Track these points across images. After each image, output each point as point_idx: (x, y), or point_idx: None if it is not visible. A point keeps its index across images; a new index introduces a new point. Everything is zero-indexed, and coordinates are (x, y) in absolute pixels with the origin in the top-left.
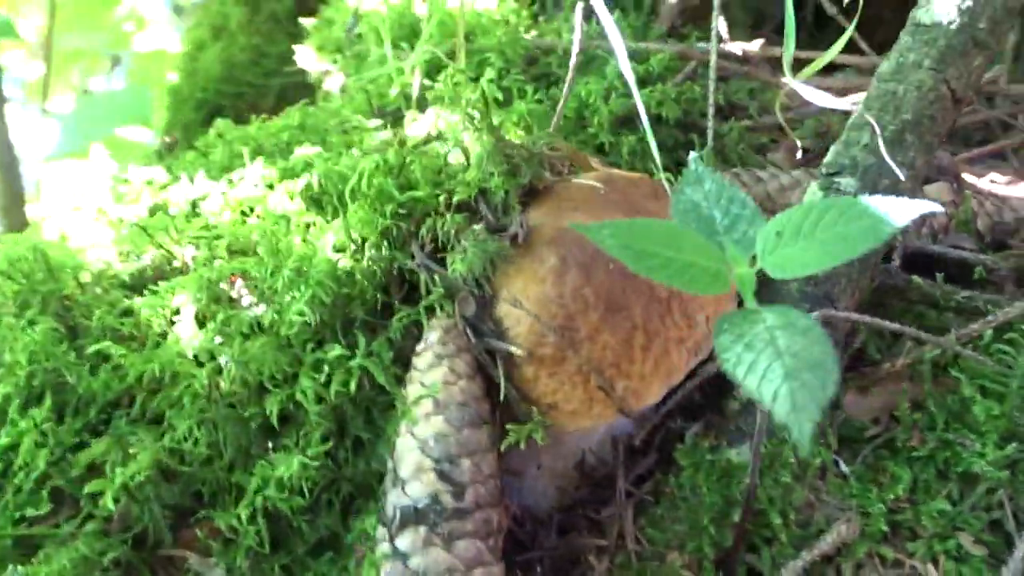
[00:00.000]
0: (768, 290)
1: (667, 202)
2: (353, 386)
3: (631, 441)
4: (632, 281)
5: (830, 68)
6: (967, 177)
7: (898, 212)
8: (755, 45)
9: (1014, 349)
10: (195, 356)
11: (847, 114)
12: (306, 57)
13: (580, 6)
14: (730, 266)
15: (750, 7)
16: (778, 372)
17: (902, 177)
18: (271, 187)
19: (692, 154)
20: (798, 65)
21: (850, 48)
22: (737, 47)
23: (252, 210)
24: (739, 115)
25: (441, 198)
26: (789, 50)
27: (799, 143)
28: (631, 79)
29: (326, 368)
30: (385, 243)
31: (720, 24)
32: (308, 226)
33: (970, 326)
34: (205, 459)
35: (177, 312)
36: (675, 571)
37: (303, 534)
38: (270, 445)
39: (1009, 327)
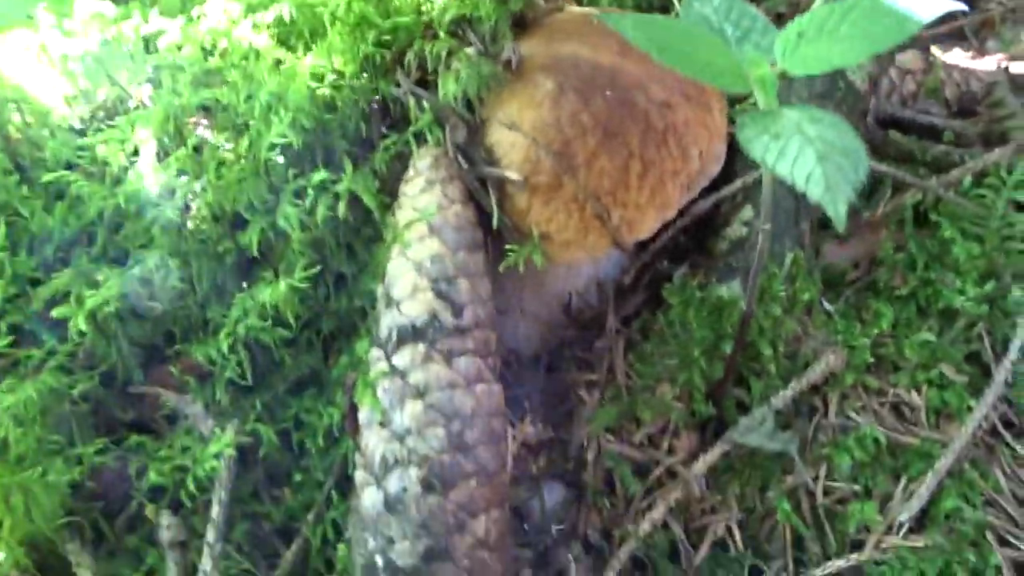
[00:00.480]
0: None
1: None
2: (342, 209)
3: (619, 281)
4: (629, 109)
5: None
6: (934, 50)
7: (922, 8)
8: None
9: (993, 193)
10: (163, 190)
11: None
12: None
13: None
14: (748, 68)
15: None
16: (810, 156)
17: None
18: (234, 23)
19: None
20: None
21: None
22: None
23: (215, 45)
24: None
25: (426, 21)
26: None
27: None
28: None
29: (310, 193)
30: (367, 72)
31: None
32: (279, 62)
33: (952, 172)
34: (177, 294)
35: (136, 152)
36: (666, 402)
37: (284, 370)
38: (244, 284)
39: (986, 175)
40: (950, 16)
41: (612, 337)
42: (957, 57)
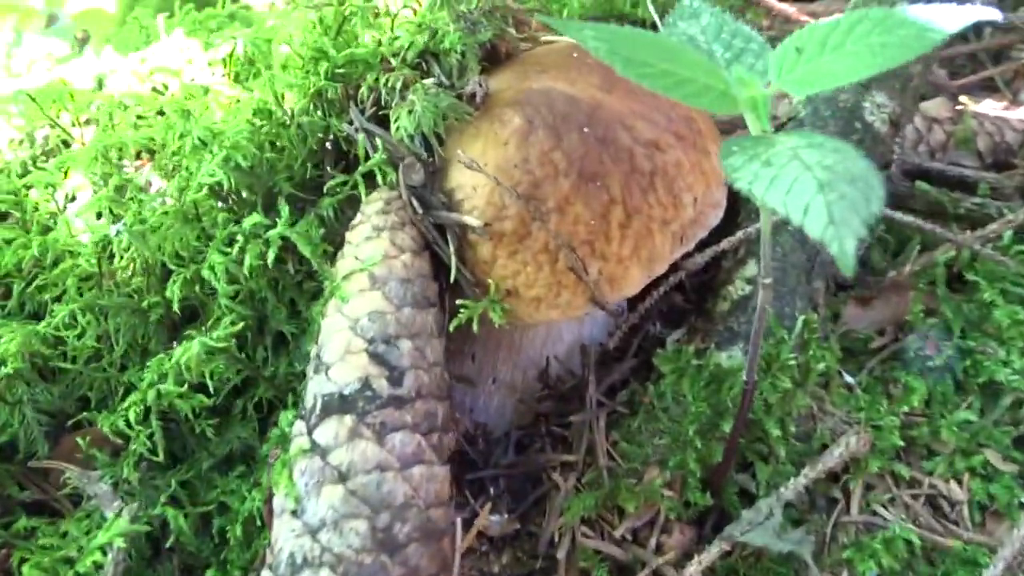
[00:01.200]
0: None
1: None
2: (271, 258)
3: (604, 346)
4: (610, 148)
5: None
6: (964, 100)
7: (947, 18)
8: None
9: None
10: (88, 236)
11: None
12: None
13: None
14: (737, 89)
15: None
16: (809, 184)
17: None
18: (189, 61)
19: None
20: None
21: None
22: None
23: (166, 87)
24: None
25: (386, 53)
26: None
27: None
28: None
29: (240, 240)
30: (319, 107)
31: None
32: (235, 101)
33: (988, 227)
34: (92, 355)
35: (72, 197)
36: (654, 490)
37: (209, 445)
38: (174, 343)
39: None
40: (979, 66)
41: (592, 411)
42: (989, 107)
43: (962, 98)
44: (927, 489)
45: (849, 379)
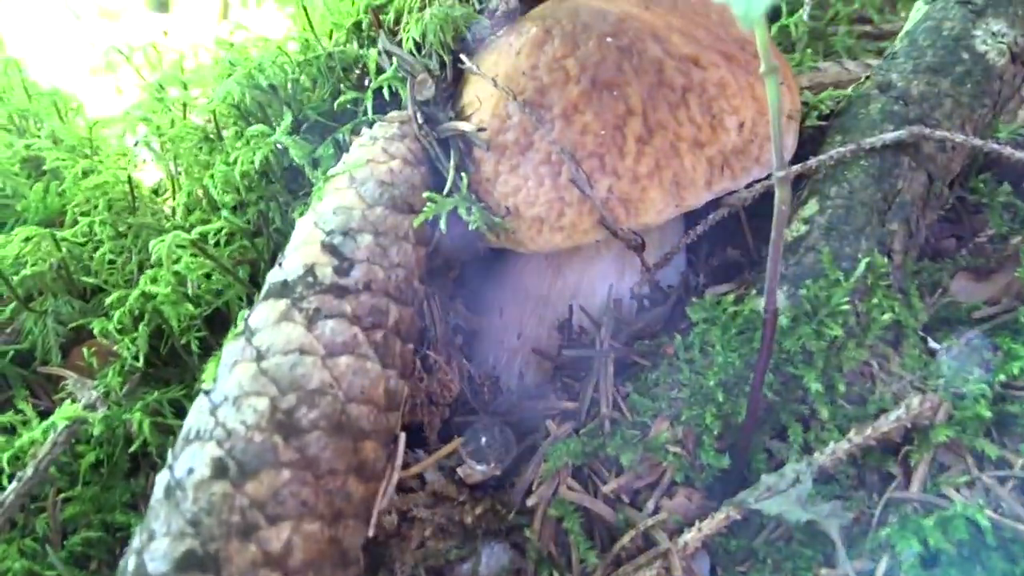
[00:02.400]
0: (846, 114)
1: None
2: (259, 160)
3: (635, 296)
4: (634, 58)
5: None
6: None
7: None
8: None
9: None
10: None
11: None
12: None
13: None
14: None
15: None
16: None
17: None
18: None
19: None
20: None
21: None
22: None
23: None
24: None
25: None
26: None
27: None
28: None
29: (239, 146)
30: (355, 39)
31: None
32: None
33: None
34: (112, 269)
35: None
36: (658, 444)
37: (200, 361)
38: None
39: None
40: None
41: (601, 358)
42: None
43: None
44: (1019, 471)
45: (935, 345)
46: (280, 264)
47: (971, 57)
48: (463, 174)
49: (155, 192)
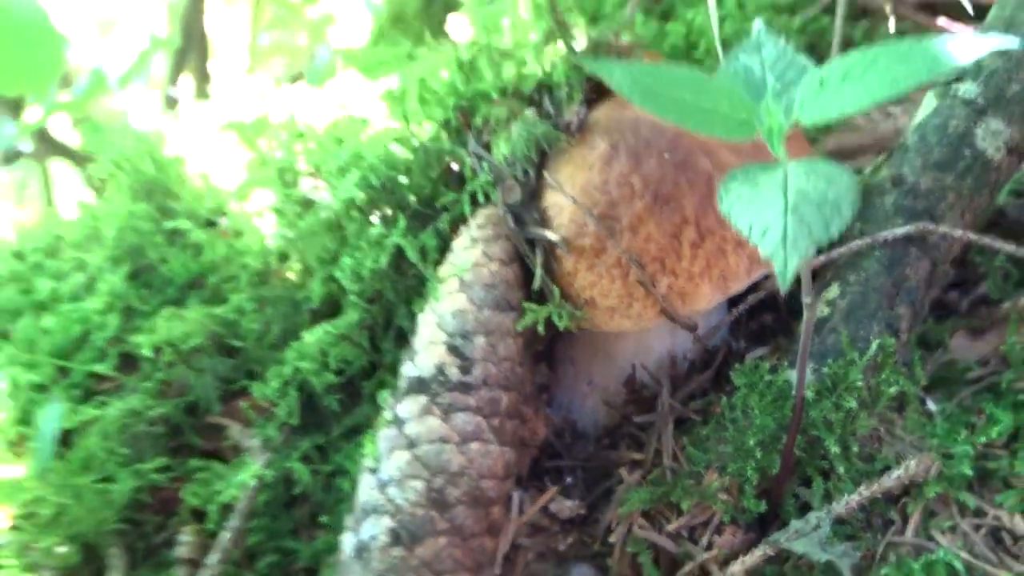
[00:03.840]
0: (865, 203)
1: None
2: (384, 262)
3: (690, 359)
4: (688, 173)
5: None
6: None
7: (963, 49)
8: None
9: None
10: (260, 238)
11: None
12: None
13: None
14: (762, 117)
15: None
16: (776, 206)
17: None
18: (356, 94)
19: (757, 22)
20: None
21: None
22: None
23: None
24: None
25: (506, 86)
26: None
27: None
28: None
29: (364, 246)
30: (446, 135)
31: None
32: (383, 130)
33: None
34: (257, 335)
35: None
36: (710, 492)
37: (337, 416)
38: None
39: None
40: None
41: (664, 414)
42: None
43: None
44: (991, 520)
45: (932, 406)
46: (413, 360)
47: (972, 153)
48: (548, 272)
49: (281, 260)
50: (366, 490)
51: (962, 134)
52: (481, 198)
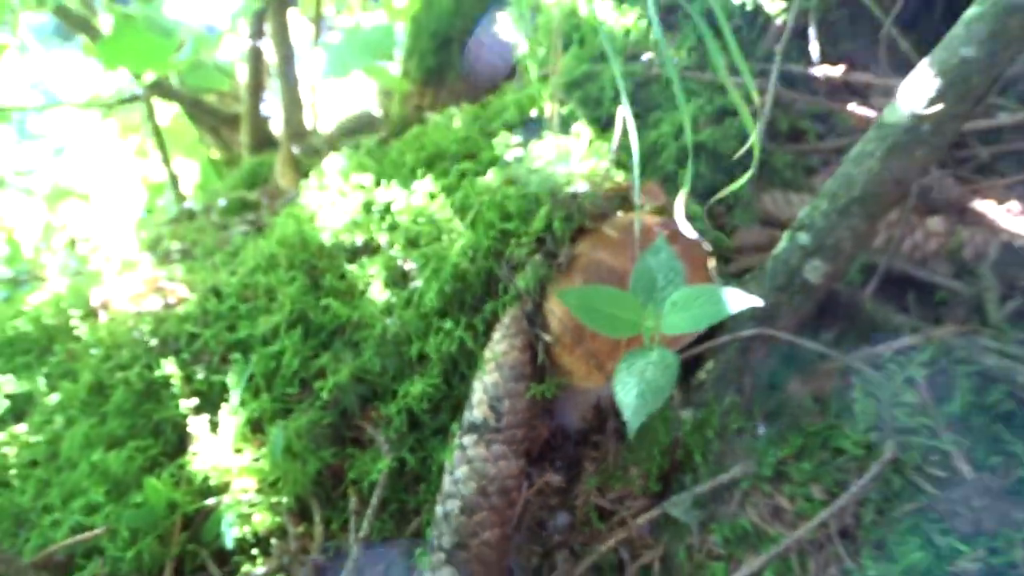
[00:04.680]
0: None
1: (679, 245)
2: (454, 348)
3: None
4: None
5: None
6: (979, 205)
7: (734, 301)
8: (837, 70)
9: (901, 368)
10: (378, 309)
11: None
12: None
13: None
14: (646, 319)
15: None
16: (633, 390)
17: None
18: (433, 197)
19: (661, 235)
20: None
21: None
22: (820, 71)
23: (420, 214)
24: (800, 140)
25: (523, 230)
26: None
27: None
28: (687, 123)
29: (443, 333)
30: (490, 257)
31: (814, 47)
32: (452, 232)
33: (877, 347)
34: (379, 373)
35: (370, 279)
36: (633, 479)
37: (428, 425)
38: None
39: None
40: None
41: (609, 434)
42: (1003, 214)
43: (977, 204)
44: (775, 502)
45: (761, 431)
46: (470, 411)
47: (800, 282)
48: (545, 356)
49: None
50: (447, 483)
51: (796, 267)
52: (510, 306)
